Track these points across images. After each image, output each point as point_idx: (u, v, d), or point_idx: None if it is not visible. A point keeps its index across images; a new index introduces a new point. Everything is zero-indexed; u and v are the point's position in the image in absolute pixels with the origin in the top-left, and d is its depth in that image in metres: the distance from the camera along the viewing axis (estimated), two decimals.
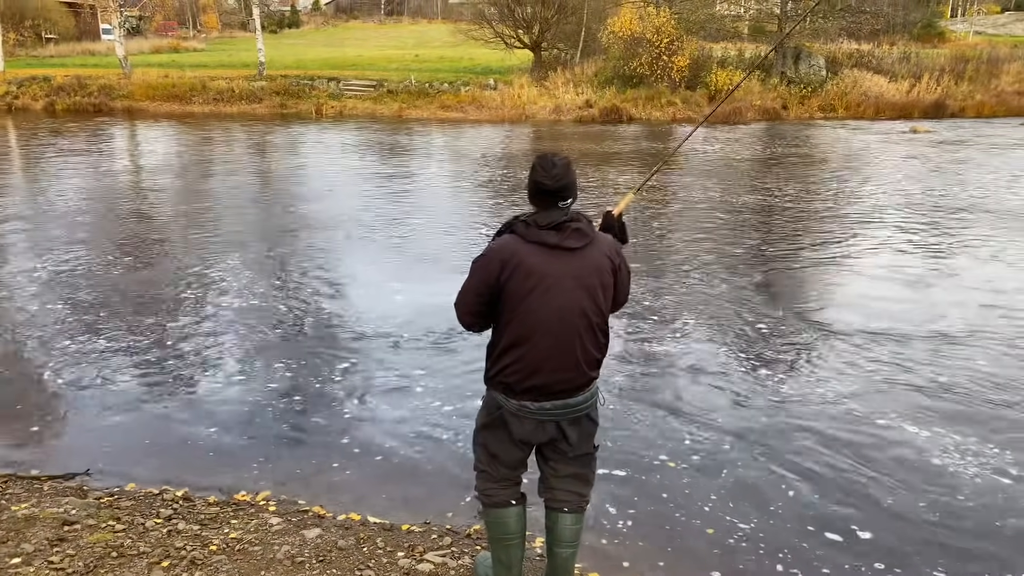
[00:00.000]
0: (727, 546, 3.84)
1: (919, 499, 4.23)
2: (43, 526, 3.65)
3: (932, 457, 4.67)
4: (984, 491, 4.32)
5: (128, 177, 15.14)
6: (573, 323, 2.79)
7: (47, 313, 7.11)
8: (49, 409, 5.30)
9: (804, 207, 12.10)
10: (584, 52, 30.06)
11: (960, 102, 26.79)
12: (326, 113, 26.31)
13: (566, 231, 2.74)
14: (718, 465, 4.59)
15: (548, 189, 2.73)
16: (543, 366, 2.79)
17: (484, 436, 3.02)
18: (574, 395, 2.88)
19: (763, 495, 4.28)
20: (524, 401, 2.85)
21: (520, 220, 2.80)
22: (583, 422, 2.97)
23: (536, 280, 2.73)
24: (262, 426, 5.06)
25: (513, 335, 2.80)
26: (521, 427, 2.90)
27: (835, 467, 4.56)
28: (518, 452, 2.99)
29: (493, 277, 2.76)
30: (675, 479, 4.44)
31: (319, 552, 3.53)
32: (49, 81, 28.21)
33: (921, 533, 3.95)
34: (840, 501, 4.22)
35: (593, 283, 2.80)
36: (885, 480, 4.42)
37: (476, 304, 2.84)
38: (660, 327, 6.88)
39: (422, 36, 51.75)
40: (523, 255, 2.73)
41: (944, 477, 4.45)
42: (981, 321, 6.99)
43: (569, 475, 3.04)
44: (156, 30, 53.79)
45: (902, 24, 44.34)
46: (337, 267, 8.65)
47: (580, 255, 2.77)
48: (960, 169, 15.85)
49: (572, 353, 2.81)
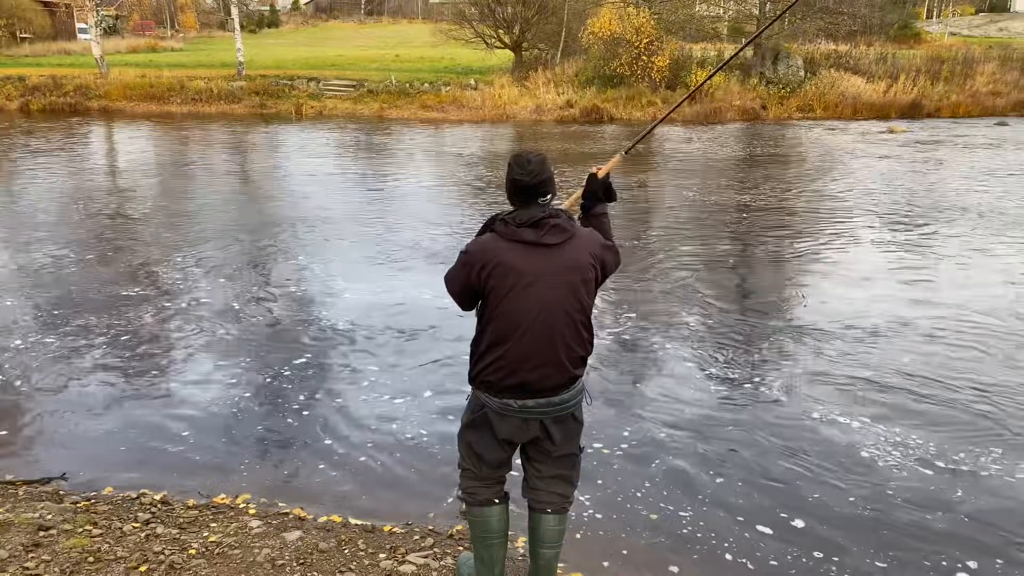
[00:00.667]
0: (678, 536, 3.92)
1: (850, 491, 4.33)
2: (18, 531, 3.59)
3: (861, 449, 4.77)
4: (912, 482, 4.42)
5: (100, 177, 14.96)
6: (554, 320, 2.78)
7: (17, 316, 7.01)
8: (23, 413, 5.22)
9: (772, 205, 12.19)
10: (565, 52, 30.08)
11: (936, 102, 27.10)
12: (306, 113, 26.14)
13: (544, 228, 2.74)
14: (650, 455, 4.71)
15: (525, 186, 2.75)
16: (524, 364, 2.79)
17: (468, 435, 3.02)
18: (558, 393, 2.87)
19: (696, 485, 4.39)
20: (507, 399, 2.84)
21: (499, 218, 2.81)
22: (567, 421, 2.96)
23: (515, 278, 2.73)
24: (241, 428, 5.02)
25: (494, 334, 2.81)
26: (505, 426, 2.89)
27: (766, 459, 4.67)
28: (502, 452, 2.99)
29: (474, 277, 2.78)
30: (610, 467, 4.55)
31: (300, 555, 3.50)
32: (24, 81, 27.79)
33: (854, 524, 4.04)
34: (772, 492, 4.32)
35: (574, 279, 2.80)
36: (816, 471, 4.52)
37: (460, 294, 2.90)
38: (602, 319, 6.94)
39: (402, 36, 51.57)
40: (501, 254, 2.74)
41: (873, 469, 4.55)
42: (917, 316, 7.13)
43: (553, 476, 3.03)
44: (133, 29, 53.17)
45: (879, 25, 44.77)
46: (314, 268, 8.60)
47: (560, 251, 2.77)
48: (932, 168, 16.05)
49: (554, 350, 2.81)
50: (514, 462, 3.09)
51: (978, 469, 4.55)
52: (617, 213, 11.69)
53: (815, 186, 14.00)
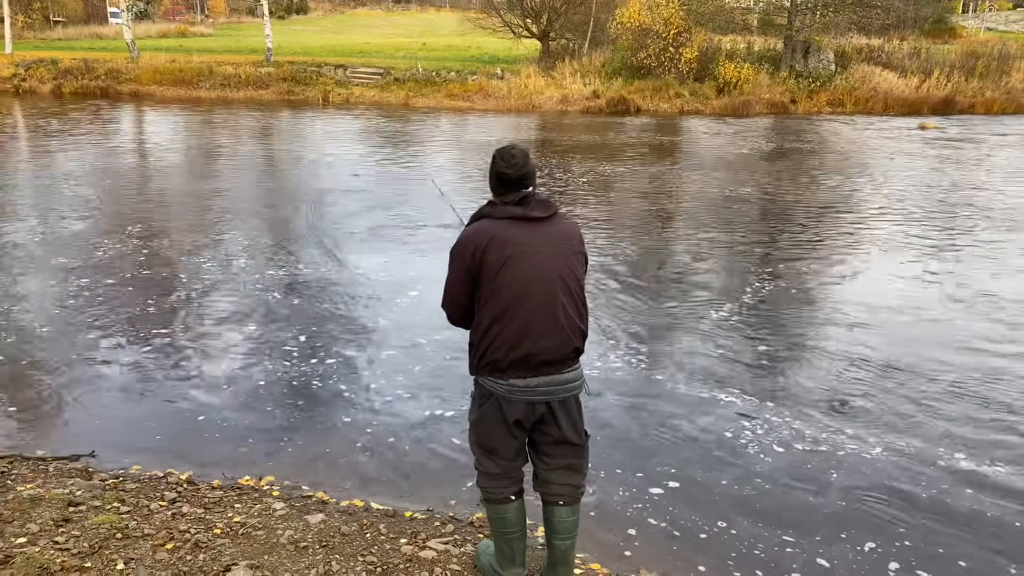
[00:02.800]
0: (698, 529, 3.89)
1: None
2: (48, 507, 3.67)
3: (735, 430, 4.92)
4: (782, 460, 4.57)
5: (129, 159, 15.15)
6: (551, 287, 2.85)
7: (45, 295, 7.14)
8: (55, 390, 5.32)
9: (791, 202, 12.06)
10: (592, 42, 29.91)
11: (970, 99, 26.59)
12: (333, 100, 26.25)
13: (530, 203, 2.88)
14: (672, 445, 4.77)
15: (509, 178, 2.89)
16: (527, 334, 2.82)
17: (478, 433, 3.04)
18: (562, 370, 2.90)
19: (719, 477, 4.41)
20: (513, 379, 2.87)
21: (486, 204, 2.94)
22: (571, 406, 2.99)
23: (510, 250, 2.82)
24: (267, 411, 5.09)
25: (494, 310, 2.85)
26: (512, 410, 2.91)
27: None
28: (514, 440, 3.00)
29: (468, 258, 2.86)
30: (628, 454, 4.58)
31: (322, 537, 3.54)
32: (56, 64, 28.17)
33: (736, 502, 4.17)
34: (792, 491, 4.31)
35: (564, 250, 2.91)
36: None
37: (460, 294, 2.95)
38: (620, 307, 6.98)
39: (430, 24, 51.56)
40: (494, 230, 2.85)
41: (746, 451, 4.67)
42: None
43: (562, 467, 3.04)
44: (164, 14, 53.66)
45: (913, 19, 44.03)
46: (339, 252, 8.65)
47: (548, 224, 2.90)
48: (962, 166, 15.77)
49: (555, 317, 2.85)
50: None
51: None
52: (629, 203, 11.64)
53: (839, 183, 13.83)
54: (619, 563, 3.66)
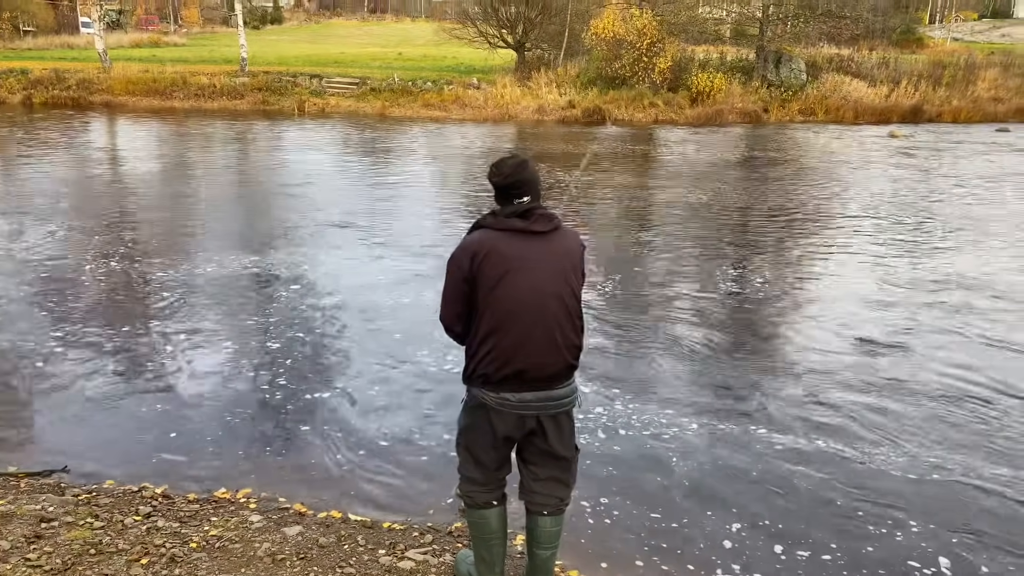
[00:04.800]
0: (674, 539, 3.90)
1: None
2: (20, 523, 3.62)
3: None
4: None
5: (102, 170, 14.98)
6: (548, 305, 2.82)
7: (23, 309, 7.03)
8: (25, 405, 5.25)
9: (764, 210, 12.21)
10: (567, 53, 30.07)
11: (937, 107, 27.09)
12: (308, 110, 26.13)
13: (532, 216, 2.84)
14: (652, 456, 4.72)
15: (500, 186, 2.86)
16: (520, 351, 2.81)
17: (466, 439, 3.03)
18: (555, 386, 2.89)
19: (699, 489, 4.41)
20: (504, 393, 2.85)
21: (488, 214, 2.90)
22: (562, 421, 2.98)
23: (507, 264, 2.79)
24: (242, 423, 5.05)
25: (489, 323, 2.82)
26: (502, 423, 2.90)
27: (768, 463, 4.77)
28: (500, 452, 3.00)
29: (465, 269, 2.82)
30: (609, 468, 4.57)
31: (300, 549, 3.53)
32: (26, 74, 27.77)
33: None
34: (773, 497, 4.38)
35: (564, 266, 2.87)
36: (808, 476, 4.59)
37: (457, 304, 2.90)
38: (602, 317, 6.97)
39: (405, 34, 51.54)
40: (493, 242, 2.81)
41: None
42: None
43: (548, 478, 3.05)
44: (137, 24, 53.13)
45: (881, 30, 44.77)
46: (316, 264, 8.62)
47: (549, 239, 2.86)
48: (931, 174, 16.07)
49: (550, 335, 2.83)
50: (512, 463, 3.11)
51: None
52: (608, 214, 11.74)
53: (811, 190, 14.02)
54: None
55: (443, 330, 3.04)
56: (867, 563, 3.79)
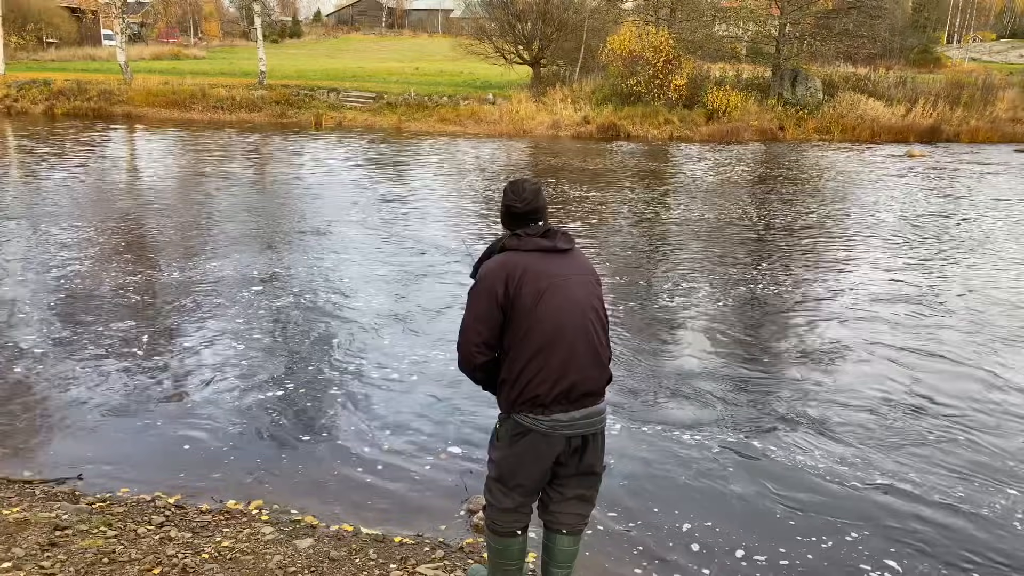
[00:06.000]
0: (688, 556, 3.87)
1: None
2: (34, 531, 3.63)
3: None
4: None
5: (121, 180, 15.15)
6: (585, 317, 2.86)
7: (38, 318, 7.10)
8: (41, 413, 5.28)
9: (780, 228, 12.17)
10: (583, 69, 30.23)
11: (955, 127, 27.01)
12: (325, 124, 26.36)
13: (555, 236, 2.90)
14: (661, 472, 4.65)
15: (519, 212, 2.90)
16: (571, 365, 2.81)
17: (501, 469, 2.95)
18: (596, 401, 2.90)
19: (714, 503, 4.36)
20: (556, 415, 2.81)
21: (508, 236, 2.90)
22: (599, 438, 2.98)
23: (547, 281, 2.81)
24: (255, 435, 5.06)
25: (535, 343, 2.79)
26: (551, 447, 2.86)
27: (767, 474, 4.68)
28: (543, 477, 2.96)
29: (500, 295, 2.78)
30: (624, 485, 4.50)
31: (311, 562, 3.52)
32: (49, 85, 28.19)
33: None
34: (768, 516, 4.32)
35: (590, 279, 2.95)
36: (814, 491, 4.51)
37: (485, 333, 2.83)
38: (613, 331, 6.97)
39: (422, 49, 51.99)
40: (526, 263, 2.82)
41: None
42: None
43: (574, 497, 3.02)
44: (158, 37, 53.90)
45: (899, 49, 44.79)
46: (331, 275, 8.65)
47: (572, 256, 2.93)
48: (949, 194, 15.98)
49: (593, 347, 2.86)
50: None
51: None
52: (626, 231, 11.74)
53: (827, 209, 13.98)
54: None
55: (457, 363, 2.95)
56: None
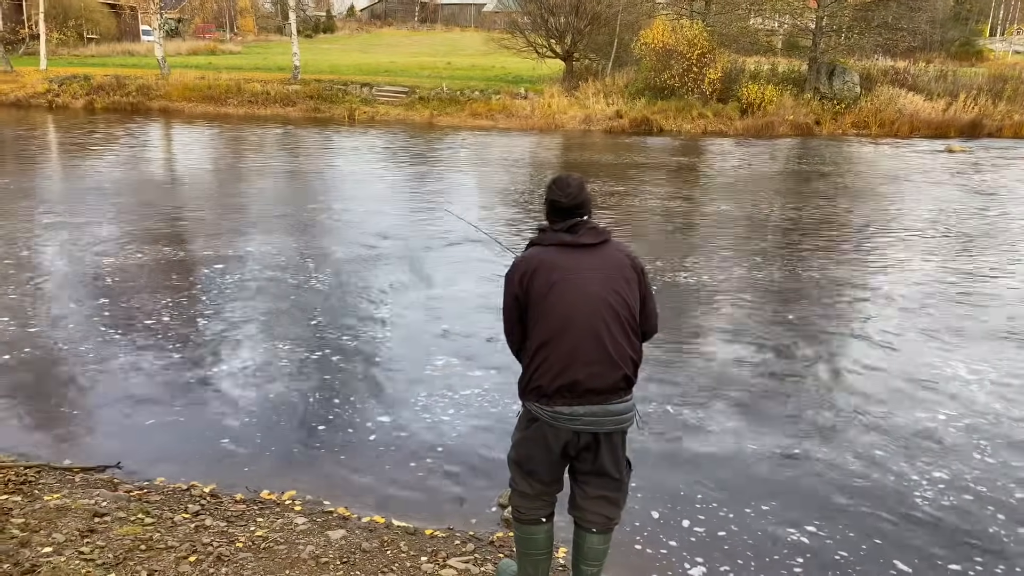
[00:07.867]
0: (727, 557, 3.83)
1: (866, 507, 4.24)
2: (74, 517, 3.71)
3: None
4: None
5: (160, 172, 15.40)
6: (597, 312, 2.82)
7: (73, 306, 7.24)
8: (81, 402, 5.39)
9: (813, 224, 11.98)
10: (616, 63, 30.03)
11: (997, 122, 26.33)
12: (358, 118, 26.54)
13: (580, 230, 2.89)
14: (693, 475, 4.60)
15: (563, 207, 2.92)
16: (573, 361, 2.80)
17: (518, 453, 3.01)
18: (610, 400, 2.84)
19: (741, 504, 4.30)
20: (558, 407, 2.82)
21: (539, 231, 2.98)
22: (616, 440, 2.91)
23: (557, 275, 2.83)
24: (289, 425, 5.12)
25: (542, 334, 2.85)
26: (557, 438, 2.87)
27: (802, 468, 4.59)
28: (555, 467, 2.97)
29: (516, 284, 2.90)
30: (657, 485, 4.46)
31: (343, 553, 3.55)
32: (89, 80, 28.74)
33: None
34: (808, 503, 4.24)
35: (614, 275, 2.88)
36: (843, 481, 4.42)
37: (511, 322, 2.99)
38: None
39: (455, 44, 52.08)
40: (541, 256, 2.88)
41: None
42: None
43: (598, 497, 3.00)
44: (194, 32, 54.64)
45: (939, 42, 43.80)
46: (369, 269, 8.71)
47: (597, 251, 2.90)
48: (987, 191, 15.61)
49: (601, 344, 2.81)
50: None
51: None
52: (654, 228, 11.64)
53: (864, 206, 13.74)
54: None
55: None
56: None
